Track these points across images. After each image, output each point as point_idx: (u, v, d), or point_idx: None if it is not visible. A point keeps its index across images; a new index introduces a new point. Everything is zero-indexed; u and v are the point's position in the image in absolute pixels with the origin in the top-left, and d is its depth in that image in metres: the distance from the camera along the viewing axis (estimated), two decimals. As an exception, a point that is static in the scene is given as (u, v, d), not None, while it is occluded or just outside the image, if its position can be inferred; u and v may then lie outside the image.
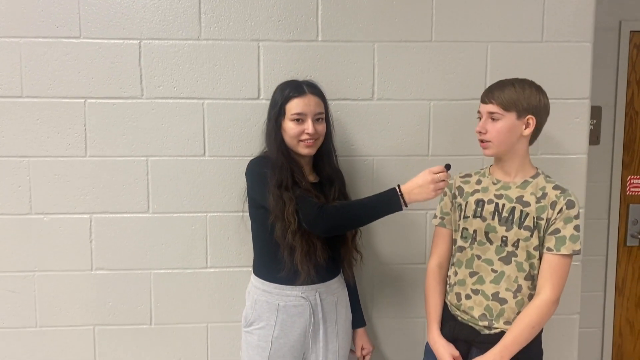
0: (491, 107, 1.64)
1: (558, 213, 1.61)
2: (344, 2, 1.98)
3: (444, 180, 1.61)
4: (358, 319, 1.97)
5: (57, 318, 2.06)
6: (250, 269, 1.93)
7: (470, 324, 1.70)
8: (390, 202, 1.64)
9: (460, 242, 1.75)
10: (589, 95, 2.05)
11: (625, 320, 3.00)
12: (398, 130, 2.05)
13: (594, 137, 2.80)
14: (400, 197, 1.62)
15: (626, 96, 2.84)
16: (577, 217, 1.62)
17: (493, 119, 1.64)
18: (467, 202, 1.74)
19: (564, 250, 1.60)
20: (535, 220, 1.63)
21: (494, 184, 1.72)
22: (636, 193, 2.91)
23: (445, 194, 1.83)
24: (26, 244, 2.02)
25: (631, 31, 2.79)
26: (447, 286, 1.80)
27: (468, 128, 2.01)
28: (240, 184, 1.99)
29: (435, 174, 1.60)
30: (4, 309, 2.05)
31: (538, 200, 1.64)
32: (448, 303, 1.78)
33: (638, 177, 2.90)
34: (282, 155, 1.74)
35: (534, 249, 1.64)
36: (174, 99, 1.99)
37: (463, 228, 1.73)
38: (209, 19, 1.96)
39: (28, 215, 2.01)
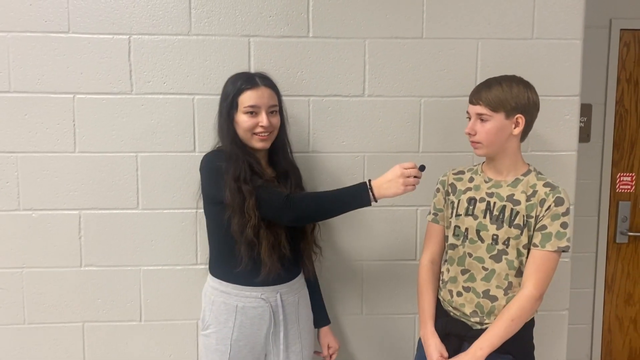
0: (479, 109, 1.63)
1: (546, 210, 1.62)
2: (335, -2, 1.98)
3: (415, 177, 1.60)
4: (322, 317, 1.93)
5: (46, 315, 2.04)
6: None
7: (462, 319, 1.71)
8: (360, 196, 1.62)
9: (452, 240, 1.75)
10: (579, 92, 2.06)
11: (614, 316, 3.02)
12: (389, 127, 2.05)
13: (584, 135, 2.82)
14: (370, 191, 1.60)
15: (616, 94, 2.85)
16: (565, 214, 1.62)
17: (482, 120, 1.63)
18: (459, 200, 1.74)
19: (549, 247, 1.61)
20: (525, 218, 1.64)
21: (486, 182, 1.73)
22: (626, 190, 2.93)
23: (438, 191, 1.83)
24: (14, 240, 2.00)
25: (621, 29, 2.81)
26: (440, 282, 1.81)
27: (458, 125, 2.02)
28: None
29: (406, 169, 1.59)
30: (-8, 306, 2.03)
31: (528, 199, 1.65)
32: (441, 299, 1.79)
33: (627, 174, 2.92)
34: (237, 148, 1.69)
35: (524, 247, 1.65)
36: (164, 94, 1.98)
37: (455, 226, 1.74)
38: (199, 14, 1.95)
39: (16, 211, 1.99)
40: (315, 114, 2.02)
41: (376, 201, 1.62)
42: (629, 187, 2.93)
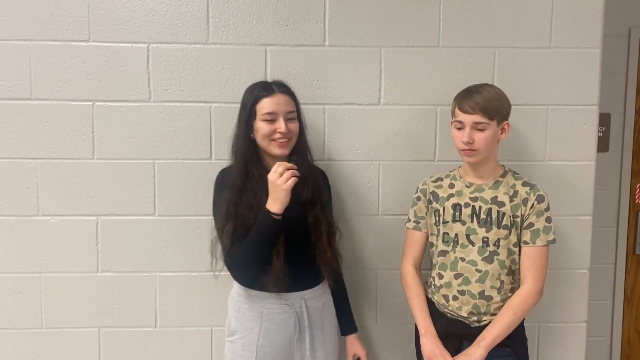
0: (477, 118, 1.67)
1: (530, 208, 1.71)
2: (351, 7, 1.99)
3: (288, 170, 1.62)
4: (349, 326, 1.92)
5: (63, 319, 2.07)
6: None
7: (460, 319, 1.76)
8: (264, 221, 1.63)
9: (442, 247, 1.79)
10: (597, 101, 2.04)
11: (634, 329, 2.97)
12: (404, 136, 2.05)
13: (603, 144, 2.78)
14: (268, 212, 1.62)
15: (635, 103, 2.82)
16: (547, 209, 1.73)
17: (479, 129, 1.68)
18: (444, 207, 1.79)
19: (539, 242, 1.71)
20: (512, 218, 1.72)
21: (467, 187, 1.79)
22: (645, 201, 2.89)
23: (419, 199, 1.87)
24: (33, 245, 2.03)
25: (640, 38, 2.78)
26: (432, 287, 1.84)
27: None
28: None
29: (271, 173, 1.62)
30: (10, 310, 2.06)
31: (511, 199, 1.73)
32: (435, 302, 1.82)
33: (647, 185, 2.88)
34: (249, 163, 1.72)
35: (514, 245, 1.73)
36: (182, 102, 2.00)
37: (444, 233, 1.78)
38: (216, 23, 1.97)
39: (35, 216, 2.02)
40: (330, 122, 2.02)
41: (280, 216, 1.62)
42: (649, 197, 2.88)
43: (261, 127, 1.70)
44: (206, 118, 2.00)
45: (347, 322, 1.92)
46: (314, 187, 1.80)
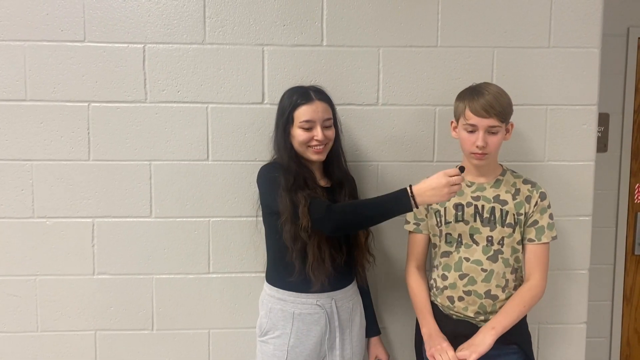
0: (492, 122, 1.65)
1: (534, 206, 1.73)
2: (349, 7, 1.97)
3: (458, 184, 1.59)
4: (373, 327, 1.94)
5: (59, 322, 2.05)
6: (254, 274, 1.92)
7: (466, 320, 1.75)
8: (400, 202, 1.60)
9: (445, 247, 1.78)
10: (596, 101, 2.03)
11: (633, 330, 2.96)
12: (403, 136, 2.03)
13: (602, 144, 2.78)
14: (412, 198, 1.58)
15: (634, 103, 2.82)
16: (549, 206, 1.76)
17: (492, 132, 1.66)
18: (445, 208, 1.78)
19: (544, 239, 1.74)
20: (515, 216, 1.73)
21: (469, 186, 1.78)
22: (644, 201, 2.88)
23: None
24: (28, 247, 2.01)
25: (639, 38, 2.76)
26: (435, 289, 1.82)
27: (474, 134, 1.99)
28: (243, 188, 1.98)
29: (451, 176, 1.57)
30: (6, 313, 2.04)
31: (514, 197, 1.74)
32: (439, 304, 1.80)
33: (646, 185, 2.87)
34: (293, 162, 1.74)
35: (517, 243, 1.74)
36: (178, 103, 1.98)
37: (446, 234, 1.77)
38: (213, 23, 1.96)
39: (30, 218, 2.00)
40: (328, 122, 2.01)
41: (417, 207, 1.61)
42: (648, 197, 2.88)
43: (298, 134, 1.72)
44: (203, 119, 1.99)
45: (371, 324, 1.94)
46: (350, 191, 1.84)
